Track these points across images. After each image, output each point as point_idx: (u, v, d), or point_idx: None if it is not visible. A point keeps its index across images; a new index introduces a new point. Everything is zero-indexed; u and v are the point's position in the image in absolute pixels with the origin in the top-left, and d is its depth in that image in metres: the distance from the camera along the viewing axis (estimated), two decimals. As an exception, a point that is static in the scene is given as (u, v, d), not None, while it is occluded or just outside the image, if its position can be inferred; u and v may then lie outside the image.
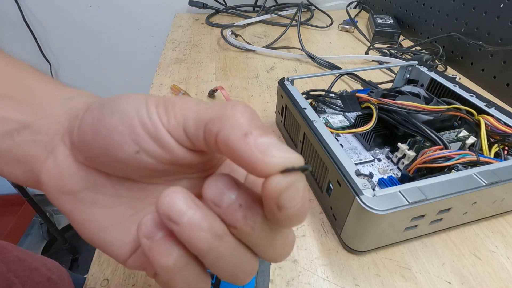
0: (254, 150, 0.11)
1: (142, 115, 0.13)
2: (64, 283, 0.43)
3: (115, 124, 0.13)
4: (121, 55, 1.00)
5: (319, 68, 0.62)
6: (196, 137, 0.13)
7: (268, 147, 0.11)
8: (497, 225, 0.32)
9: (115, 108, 0.14)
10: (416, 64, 0.45)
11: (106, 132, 0.13)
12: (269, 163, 0.11)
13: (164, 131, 0.13)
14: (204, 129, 0.13)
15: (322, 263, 0.29)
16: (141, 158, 0.14)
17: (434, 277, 0.27)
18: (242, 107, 0.13)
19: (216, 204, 0.13)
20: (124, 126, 0.13)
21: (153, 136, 0.13)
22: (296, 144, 0.38)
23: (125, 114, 0.13)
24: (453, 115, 0.36)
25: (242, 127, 0.12)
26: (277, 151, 0.11)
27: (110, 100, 0.14)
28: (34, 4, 0.86)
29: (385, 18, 0.76)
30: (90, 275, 0.27)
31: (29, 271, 0.38)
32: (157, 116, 0.14)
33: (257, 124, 0.12)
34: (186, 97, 0.15)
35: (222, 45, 0.70)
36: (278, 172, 0.11)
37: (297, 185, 0.11)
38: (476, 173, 0.27)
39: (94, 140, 0.14)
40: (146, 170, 0.14)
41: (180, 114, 0.14)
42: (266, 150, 0.11)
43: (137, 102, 0.14)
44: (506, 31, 0.50)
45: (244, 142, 0.11)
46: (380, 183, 0.32)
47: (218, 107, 0.13)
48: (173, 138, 0.14)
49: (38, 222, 1.34)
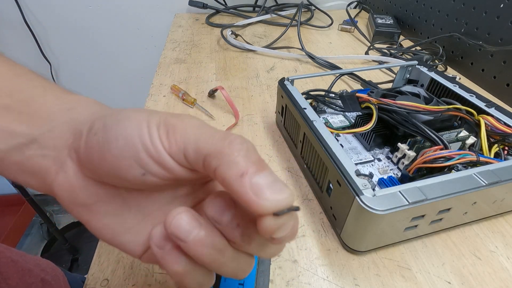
0: (249, 192, 0.12)
1: (145, 140, 0.14)
2: (59, 283, 0.43)
3: (120, 150, 0.14)
4: (121, 55, 1.00)
5: (319, 68, 0.62)
6: (196, 164, 0.14)
7: (262, 189, 0.13)
8: (497, 225, 0.32)
9: (119, 133, 0.15)
10: (416, 64, 0.45)
11: (112, 158, 0.14)
12: (262, 206, 0.12)
13: (166, 155, 0.14)
14: (203, 161, 0.14)
15: (322, 263, 0.29)
16: (146, 178, 0.15)
17: (434, 277, 0.27)
18: (239, 144, 0.14)
19: (216, 222, 0.15)
20: (129, 152, 0.14)
21: (156, 160, 0.14)
22: (296, 144, 0.38)
23: (129, 140, 0.14)
24: (453, 115, 0.36)
25: (238, 167, 0.13)
26: (270, 193, 0.13)
27: (113, 122, 0.15)
28: (34, 4, 0.86)
29: (385, 18, 0.76)
30: (90, 275, 0.27)
31: (22, 273, 0.38)
32: (159, 141, 0.14)
33: (253, 160, 0.13)
34: (187, 118, 0.16)
35: (222, 45, 0.70)
36: (270, 214, 0.13)
37: (287, 224, 0.13)
38: (476, 173, 0.27)
39: (101, 164, 0.15)
40: (151, 186, 0.16)
41: (181, 140, 0.14)
42: (260, 193, 0.12)
43: (139, 125, 0.15)
44: (506, 31, 0.50)
45: (240, 183, 0.13)
46: (380, 183, 0.32)
47: (217, 140, 0.14)
48: (174, 161, 0.15)
49: (38, 222, 1.34)
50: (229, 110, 0.49)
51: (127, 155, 0.14)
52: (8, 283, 0.35)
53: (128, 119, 0.15)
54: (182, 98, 0.50)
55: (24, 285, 0.37)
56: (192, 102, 0.49)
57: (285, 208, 0.13)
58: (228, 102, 0.47)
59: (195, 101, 0.49)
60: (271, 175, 0.13)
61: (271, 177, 0.13)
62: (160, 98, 0.51)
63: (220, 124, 0.46)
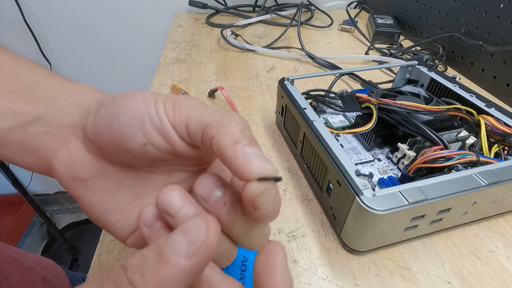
0: (240, 157, 0.13)
1: (151, 112, 0.15)
2: (60, 282, 0.43)
3: (128, 119, 0.15)
4: (121, 55, 1.00)
5: (319, 68, 0.62)
6: (195, 136, 0.15)
7: (252, 156, 0.14)
8: (497, 225, 0.32)
9: (127, 105, 0.16)
10: (416, 64, 0.45)
11: (119, 125, 0.15)
12: (250, 170, 0.13)
13: (169, 125, 0.15)
14: (203, 131, 0.15)
15: (322, 263, 0.29)
16: (147, 149, 0.16)
17: (434, 277, 0.27)
18: (238, 119, 0.15)
19: (204, 200, 0.16)
20: (135, 121, 0.15)
21: (160, 130, 0.15)
22: (296, 144, 0.38)
23: (137, 111, 0.15)
24: (453, 115, 0.36)
25: (234, 136, 0.14)
26: (258, 162, 0.14)
27: (123, 97, 0.16)
28: (34, 4, 0.86)
29: (385, 18, 0.76)
30: (90, 275, 0.27)
31: (23, 271, 0.38)
32: (164, 113, 0.15)
33: (247, 135, 0.14)
34: (191, 97, 0.17)
35: (222, 45, 0.70)
36: (255, 179, 0.13)
37: (269, 191, 0.14)
38: (476, 173, 0.27)
39: (108, 132, 0.16)
40: (149, 159, 0.16)
41: (185, 112, 0.15)
42: (250, 159, 0.13)
43: (147, 100, 0.16)
44: (506, 31, 0.50)
45: (233, 149, 0.14)
46: (380, 183, 0.32)
47: (218, 114, 0.15)
48: (176, 132, 0.15)
49: (38, 222, 1.34)
50: (229, 110, 0.48)
51: (133, 124, 0.15)
52: (9, 282, 0.35)
53: (136, 95, 0.16)
54: (182, 98, 0.50)
55: (25, 283, 0.37)
56: (192, 102, 0.49)
57: (270, 176, 0.14)
58: (228, 102, 0.47)
59: (195, 101, 0.49)
60: (261, 151, 0.14)
61: (260, 151, 0.14)
62: (160, 98, 0.51)
63: (220, 124, 0.46)
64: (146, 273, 0.11)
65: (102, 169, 0.17)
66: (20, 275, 0.37)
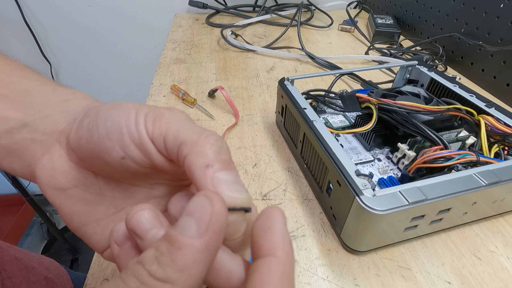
0: (208, 183, 0.13)
1: (130, 124, 0.15)
2: (62, 281, 0.43)
3: (107, 131, 0.15)
4: (121, 55, 1.00)
5: (319, 68, 0.62)
6: (172, 152, 0.15)
7: (222, 183, 0.13)
8: (497, 225, 0.32)
9: (108, 117, 0.15)
10: (416, 64, 0.45)
11: (98, 137, 0.15)
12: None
13: (148, 139, 0.15)
14: (178, 148, 0.14)
15: (322, 263, 0.29)
16: (126, 162, 0.15)
17: (434, 277, 0.27)
18: (213, 140, 0.14)
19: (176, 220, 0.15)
20: (114, 134, 0.15)
21: (137, 144, 0.15)
22: (296, 144, 0.38)
23: (116, 123, 0.15)
24: (453, 115, 0.36)
25: (206, 158, 0.13)
26: (228, 190, 0.13)
27: (107, 108, 0.16)
28: (34, 4, 0.86)
29: (385, 18, 0.76)
30: (90, 275, 0.27)
31: (26, 270, 0.38)
32: (143, 125, 0.15)
33: (221, 158, 0.14)
34: (176, 110, 0.16)
35: (222, 45, 0.70)
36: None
37: (237, 223, 0.13)
38: (476, 173, 0.27)
39: (87, 143, 0.15)
40: (129, 173, 0.16)
41: (165, 126, 0.15)
42: (218, 186, 0.13)
43: (128, 111, 0.15)
44: (506, 31, 0.50)
45: (203, 173, 0.13)
46: (380, 183, 0.32)
47: (195, 132, 0.14)
48: (154, 146, 0.15)
49: (38, 222, 1.35)
50: (229, 110, 0.49)
51: (111, 137, 0.15)
52: (12, 281, 0.35)
53: (119, 107, 0.16)
54: (182, 98, 0.50)
55: (28, 283, 0.37)
56: (192, 102, 0.49)
57: (237, 207, 0.13)
58: (228, 102, 0.47)
59: (195, 101, 0.49)
60: (235, 177, 0.14)
61: (233, 177, 0.13)
62: (160, 98, 0.51)
63: (220, 124, 0.46)
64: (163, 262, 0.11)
65: (83, 179, 0.17)
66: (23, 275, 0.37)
